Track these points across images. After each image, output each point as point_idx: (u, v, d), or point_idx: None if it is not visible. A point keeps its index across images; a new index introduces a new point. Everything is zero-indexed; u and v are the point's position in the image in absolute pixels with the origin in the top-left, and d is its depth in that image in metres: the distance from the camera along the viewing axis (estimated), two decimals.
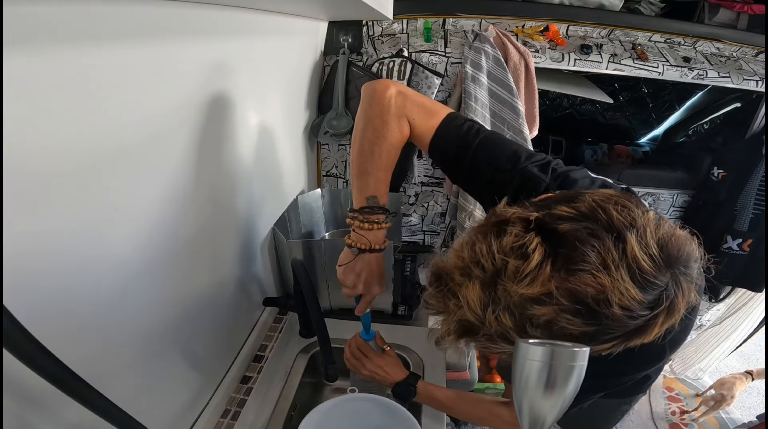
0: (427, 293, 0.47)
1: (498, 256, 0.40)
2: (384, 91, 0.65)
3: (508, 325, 0.39)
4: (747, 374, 1.62)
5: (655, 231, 0.39)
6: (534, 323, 0.38)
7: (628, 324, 0.38)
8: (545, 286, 0.37)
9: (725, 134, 1.64)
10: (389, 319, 1.16)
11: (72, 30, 0.42)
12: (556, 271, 0.37)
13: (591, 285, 0.36)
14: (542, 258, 0.38)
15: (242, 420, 0.86)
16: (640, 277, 0.37)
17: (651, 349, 0.57)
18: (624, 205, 0.41)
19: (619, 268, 0.37)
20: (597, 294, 0.36)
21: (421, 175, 1.44)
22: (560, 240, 0.39)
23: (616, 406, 0.99)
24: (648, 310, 0.38)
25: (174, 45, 0.60)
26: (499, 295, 0.39)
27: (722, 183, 1.42)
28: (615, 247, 0.37)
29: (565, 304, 0.37)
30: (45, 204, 0.43)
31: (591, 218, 0.40)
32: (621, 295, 0.36)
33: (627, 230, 0.38)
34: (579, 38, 1.29)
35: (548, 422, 0.48)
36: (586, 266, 0.37)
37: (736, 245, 1.42)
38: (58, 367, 0.38)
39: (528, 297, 0.38)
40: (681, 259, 0.39)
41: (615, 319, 0.37)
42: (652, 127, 1.95)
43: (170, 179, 0.65)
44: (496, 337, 0.40)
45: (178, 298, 0.71)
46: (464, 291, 0.41)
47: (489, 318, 0.39)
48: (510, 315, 0.39)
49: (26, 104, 0.38)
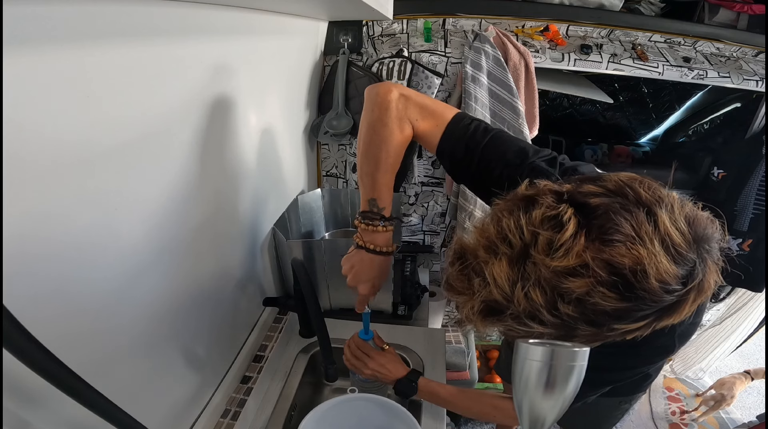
0: (448, 274, 0.45)
1: (528, 230, 0.38)
2: (386, 95, 0.65)
3: (539, 303, 0.37)
4: (746, 374, 1.62)
5: (681, 209, 0.39)
6: (566, 299, 0.36)
7: (663, 299, 0.36)
8: (580, 258, 0.36)
9: (725, 134, 1.64)
10: (389, 319, 1.16)
11: (72, 30, 0.42)
12: (591, 242, 0.36)
13: (627, 256, 0.35)
14: (576, 229, 0.37)
15: (242, 420, 0.86)
16: (673, 251, 0.36)
17: (661, 342, 0.58)
18: (649, 185, 0.41)
19: (654, 240, 0.36)
20: (634, 265, 0.35)
21: (421, 175, 1.44)
22: (592, 212, 0.38)
23: (617, 405, 0.99)
24: (681, 285, 0.37)
25: (174, 45, 0.60)
26: (528, 270, 0.37)
27: (722, 183, 1.42)
28: (648, 220, 0.37)
29: (602, 275, 0.35)
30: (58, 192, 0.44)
31: (620, 194, 0.39)
32: (657, 268, 0.35)
33: (656, 206, 0.38)
34: (579, 38, 1.29)
35: (548, 422, 0.48)
36: (621, 237, 0.36)
37: (736, 245, 1.42)
38: (59, 367, 0.38)
39: (562, 269, 0.36)
40: (706, 237, 0.39)
41: (651, 292, 0.36)
42: (652, 127, 1.95)
43: (170, 179, 0.65)
44: (523, 317, 0.38)
45: (178, 298, 0.71)
46: (490, 268, 0.39)
47: (518, 295, 0.38)
48: (541, 291, 0.37)
49: (36, 101, 0.39)
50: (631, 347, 0.59)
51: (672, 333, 0.57)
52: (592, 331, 0.38)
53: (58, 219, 0.45)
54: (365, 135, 0.67)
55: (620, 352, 0.60)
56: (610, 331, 0.38)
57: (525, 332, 0.40)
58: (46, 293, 0.45)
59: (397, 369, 0.84)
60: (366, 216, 0.70)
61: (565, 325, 0.38)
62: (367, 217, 0.70)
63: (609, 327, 0.38)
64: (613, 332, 0.38)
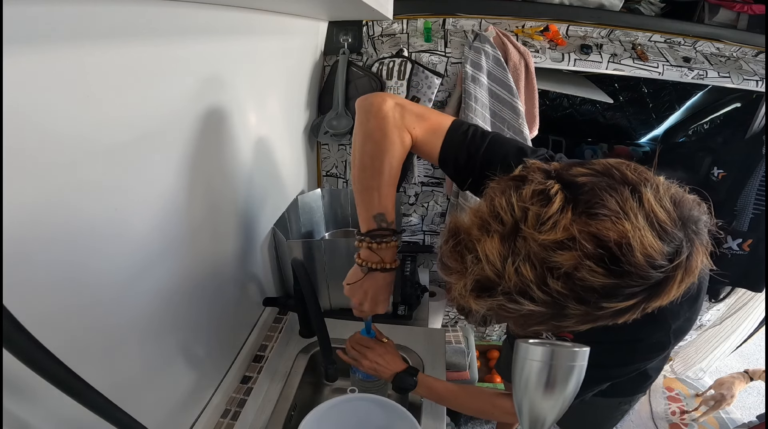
0: (442, 252, 0.45)
1: (518, 206, 0.39)
2: (381, 104, 0.63)
3: (529, 278, 0.38)
4: (745, 374, 1.62)
5: (666, 189, 0.40)
6: (555, 274, 0.37)
7: (649, 275, 0.37)
8: (567, 231, 0.37)
9: (725, 134, 1.64)
10: (389, 319, 1.16)
11: (72, 30, 0.42)
12: (578, 216, 0.37)
13: (613, 230, 0.36)
14: (563, 203, 0.38)
15: (242, 420, 0.86)
16: (658, 227, 0.37)
17: (656, 337, 0.58)
18: (636, 167, 0.42)
19: (638, 216, 0.37)
20: (619, 238, 0.36)
21: (421, 175, 1.44)
22: (579, 189, 0.39)
23: (617, 406, 0.99)
24: (667, 261, 0.37)
25: (174, 45, 0.60)
26: (518, 246, 0.38)
27: (722, 183, 1.42)
28: (632, 197, 0.38)
29: (588, 248, 0.36)
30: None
31: (606, 175, 0.41)
32: (642, 242, 0.36)
33: (641, 185, 0.39)
34: (579, 38, 1.29)
35: (548, 422, 0.48)
36: (606, 212, 0.37)
37: (736, 245, 1.42)
38: (59, 367, 0.38)
39: (550, 243, 0.37)
40: (692, 218, 0.40)
41: (637, 267, 0.36)
42: (652, 127, 1.95)
43: (170, 179, 0.65)
44: (514, 294, 0.39)
45: (178, 298, 0.71)
46: (482, 245, 0.40)
47: (508, 270, 0.38)
48: (531, 266, 0.38)
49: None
50: (627, 342, 0.60)
51: (667, 329, 0.58)
52: (581, 310, 0.39)
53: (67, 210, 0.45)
54: (362, 146, 0.65)
55: (617, 348, 0.60)
56: (600, 310, 0.39)
57: (516, 311, 0.40)
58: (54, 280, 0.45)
59: (396, 363, 0.84)
60: (375, 235, 0.66)
61: (555, 302, 0.38)
62: (376, 236, 0.66)
63: (598, 305, 0.38)
64: (602, 311, 0.39)
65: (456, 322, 1.93)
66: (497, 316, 0.44)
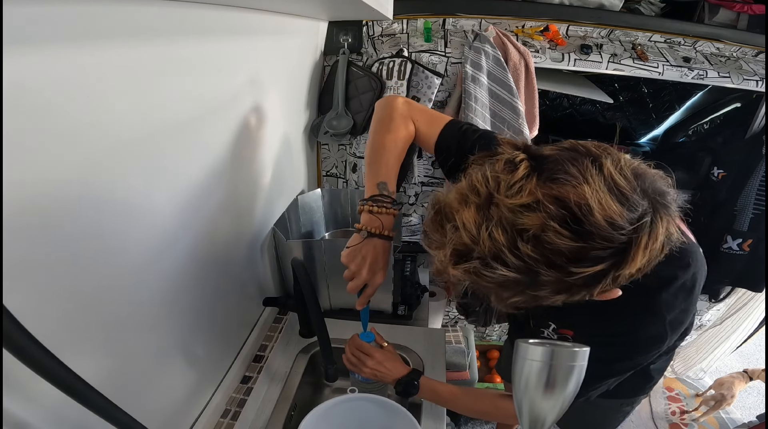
0: (425, 224, 0.49)
1: (491, 177, 0.43)
2: (393, 101, 0.78)
3: (501, 242, 0.40)
4: (744, 373, 1.62)
5: (629, 163, 0.43)
6: (524, 237, 0.40)
7: (612, 237, 0.39)
8: (533, 195, 0.40)
9: (725, 134, 1.63)
10: (389, 319, 1.16)
11: (72, 30, 0.42)
12: (542, 181, 0.41)
13: (572, 192, 0.39)
14: (528, 171, 0.42)
15: (242, 420, 0.86)
16: (617, 191, 0.40)
17: (652, 330, 0.59)
18: (600, 144, 0.45)
19: (598, 181, 0.40)
20: (578, 199, 0.39)
21: (421, 175, 1.44)
22: (544, 160, 0.44)
23: (618, 407, 0.99)
24: (630, 225, 0.39)
25: (174, 45, 0.60)
26: (492, 212, 0.41)
27: (722, 183, 1.42)
28: (593, 165, 0.41)
29: (551, 209, 0.39)
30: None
31: (571, 150, 0.45)
32: (600, 202, 0.39)
33: (602, 157, 0.42)
34: (579, 38, 1.29)
35: (548, 422, 0.48)
36: (567, 178, 0.41)
37: (736, 245, 1.42)
38: (59, 367, 0.38)
39: (517, 206, 0.40)
40: (657, 189, 0.43)
41: (598, 228, 0.38)
42: (652, 127, 1.95)
43: (169, 179, 0.65)
44: (489, 259, 0.41)
45: (178, 298, 0.71)
46: (460, 215, 0.43)
47: (483, 236, 0.41)
48: (502, 230, 0.40)
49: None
50: (623, 335, 0.61)
51: (662, 321, 0.58)
52: (553, 276, 0.40)
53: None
54: (374, 131, 0.77)
55: (614, 342, 0.61)
56: (570, 276, 0.40)
57: (492, 279, 0.42)
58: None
59: (398, 368, 0.84)
60: (375, 199, 0.72)
61: (528, 268, 0.40)
62: (378, 200, 0.71)
63: (567, 270, 0.40)
64: (573, 277, 0.40)
65: (456, 322, 1.93)
66: (477, 288, 0.46)
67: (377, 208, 0.71)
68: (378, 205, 0.71)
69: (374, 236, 0.71)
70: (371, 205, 0.71)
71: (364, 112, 1.25)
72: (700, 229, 1.52)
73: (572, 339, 0.67)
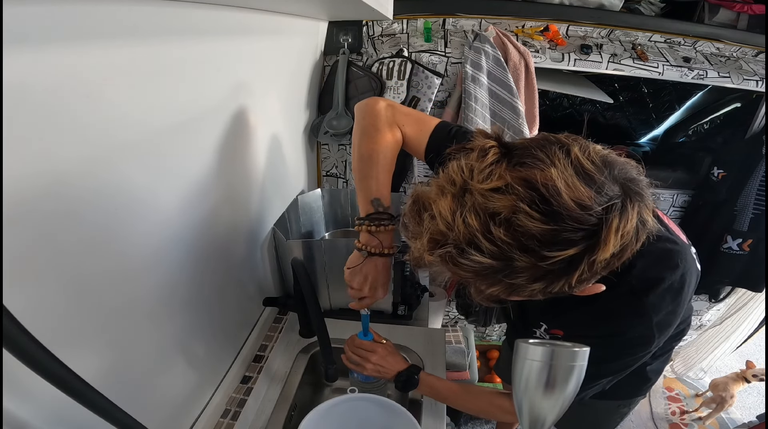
0: (404, 215, 0.50)
1: (466, 166, 0.44)
2: (374, 105, 0.72)
3: (474, 227, 0.41)
4: (739, 373, 1.63)
5: (598, 151, 0.44)
6: (497, 221, 0.40)
7: (581, 218, 0.39)
8: (502, 178, 0.41)
9: (725, 134, 1.63)
10: (389, 319, 1.16)
11: (72, 30, 0.42)
12: (511, 166, 0.43)
13: (539, 174, 0.40)
14: (498, 157, 0.44)
15: (242, 420, 0.86)
16: (584, 174, 0.41)
17: (639, 331, 0.59)
18: (570, 135, 0.46)
19: (564, 163, 0.41)
20: (545, 181, 0.40)
21: (420, 175, 1.44)
22: (515, 147, 0.45)
23: (616, 409, 0.99)
24: (599, 206, 0.40)
25: (173, 45, 0.60)
26: (466, 199, 0.42)
27: (722, 183, 1.42)
28: (560, 150, 0.42)
29: (520, 191, 0.40)
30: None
31: (541, 139, 0.46)
32: (566, 183, 0.40)
33: (571, 145, 0.43)
34: (579, 38, 1.29)
35: (548, 422, 0.48)
36: (535, 162, 0.42)
37: (736, 245, 1.42)
38: (59, 367, 0.38)
39: (488, 190, 0.41)
40: (628, 176, 0.43)
41: (567, 209, 0.39)
42: (652, 127, 1.95)
43: (168, 179, 0.65)
44: (464, 245, 0.42)
45: (178, 298, 0.71)
46: (437, 204, 0.44)
47: (457, 222, 0.42)
48: (475, 215, 0.41)
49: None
50: (610, 336, 0.61)
51: (648, 322, 0.58)
52: (528, 261, 0.41)
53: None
54: (359, 141, 0.72)
55: (601, 343, 0.60)
56: (545, 261, 0.40)
57: (468, 267, 0.43)
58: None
59: (398, 362, 0.84)
60: (372, 218, 0.70)
61: (502, 253, 0.41)
62: (373, 219, 0.70)
63: (541, 254, 0.40)
64: (547, 262, 0.40)
65: (456, 322, 1.93)
66: (456, 276, 0.47)
67: (374, 228, 0.70)
68: (375, 225, 0.70)
69: (374, 255, 0.71)
70: (368, 224, 0.70)
71: None
72: (700, 229, 1.53)
73: (562, 339, 0.67)
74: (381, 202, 0.70)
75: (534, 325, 0.71)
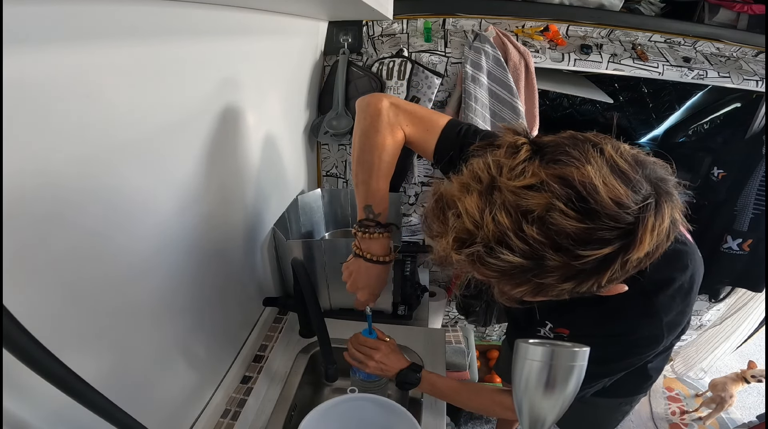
0: (425, 213, 0.48)
1: (493, 162, 0.43)
2: (377, 104, 0.68)
3: (505, 225, 0.39)
4: (738, 373, 1.63)
5: (628, 150, 0.44)
6: (529, 219, 0.39)
7: (618, 216, 0.38)
8: (536, 175, 0.40)
9: (725, 134, 1.63)
10: (389, 319, 1.16)
11: (73, 30, 0.42)
12: (545, 163, 0.41)
13: (576, 172, 0.39)
14: (530, 154, 0.43)
15: (242, 420, 0.86)
16: (619, 172, 0.40)
17: (649, 330, 0.59)
18: (599, 134, 0.45)
19: (600, 162, 0.40)
20: (583, 179, 0.38)
21: (421, 175, 1.44)
22: (545, 145, 0.44)
23: (617, 407, 0.99)
24: (635, 205, 0.39)
25: (173, 45, 0.60)
26: (495, 197, 0.41)
27: (722, 183, 1.42)
28: (594, 149, 0.41)
29: (556, 188, 0.39)
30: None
31: (570, 137, 0.45)
32: (604, 181, 0.38)
33: (602, 143, 0.42)
34: (579, 38, 1.29)
35: (548, 422, 0.48)
36: (570, 159, 0.40)
37: (736, 245, 1.42)
38: (59, 367, 0.38)
39: (521, 188, 0.40)
40: (659, 175, 0.42)
41: (604, 207, 0.38)
42: (652, 127, 1.94)
43: (168, 179, 0.65)
44: (493, 243, 0.40)
45: (178, 298, 0.71)
46: (462, 202, 0.42)
47: (486, 220, 0.40)
48: (506, 213, 0.40)
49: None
50: (620, 336, 0.61)
51: (659, 322, 0.58)
52: (560, 261, 0.39)
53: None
54: (358, 142, 0.70)
55: (610, 342, 0.61)
56: (578, 260, 0.39)
57: (497, 267, 0.41)
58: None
59: (400, 360, 0.85)
60: (362, 223, 0.71)
61: (533, 252, 0.39)
62: (363, 225, 0.71)
63: (574, 253, 0.39)
64: (580, 261, 0.39)
65: (456, 322, 1.93)
66: (481, 279, 0.46)
67: (361, 234, 0.71)
68: (363, 231, 0.70)
69: (360, 257, 0.73)
70: (356, 229, 0.72)
71: None
72: (700, 229, 1.52)
73: (567, 338, 0.67)
74: (372, 208, 0.70)
75: (539, 324, 0.71)
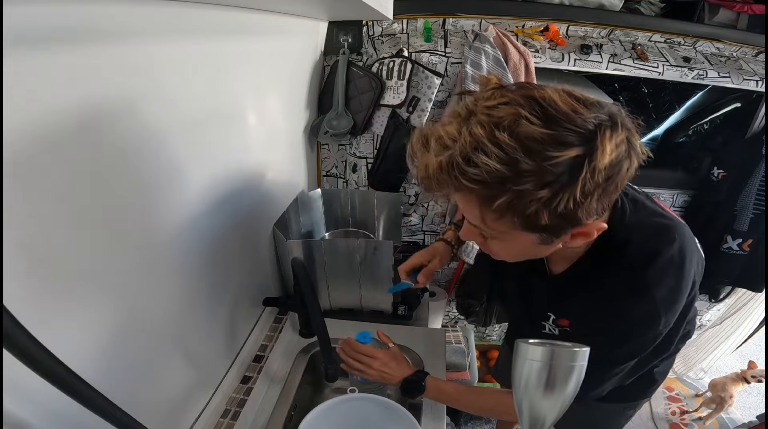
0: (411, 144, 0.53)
1: (470, 100, 0.50)
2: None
3: (480, 134, 0.45)
4: (738, 373, 1.63)
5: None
6: (501, 128, 0.44)
7: (577, 122, 0.44)
8: (505, 96, 0.47)
9: (725, 134, 1.63)
10: (389, 319, 1.16)
11: (72, 30, 0.42)
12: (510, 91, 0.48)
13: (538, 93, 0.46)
14: (500, 85, 0.51)
15: (242, 420, 0.86)
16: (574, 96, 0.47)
17: (642, 307, 0.59)
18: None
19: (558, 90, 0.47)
20: (543, 95, 0.46)
21: None
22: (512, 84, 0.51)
23: (621, 411, 0.99)
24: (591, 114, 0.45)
25: (173, 45, 0.60)
26: (471, 120, 0.47)
27: (722, 183, 1.42)
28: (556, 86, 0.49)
29: (521, 102, 0.45)
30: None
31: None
32: (561, 98, 0.45)
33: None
34: (579, 38, 1.29)
35: (548, 422, 0.48)
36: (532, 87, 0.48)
37: (736, 245, 1.42)
38: (59, 367, 0.38)
39: (493, 105, 0.46)
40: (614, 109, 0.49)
41: (564, 114, 0.44)
42: (652, 127, 1.94)
43: (168, 179, 0.65)
44: (470, 151, 0.45)
45: (178, 298, 0.71)
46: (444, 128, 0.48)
47: (463, 134, 0.46)
48: (480, 126, 0.45)
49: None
50: (615, 318, 0.60)
51: (652, 298, 0.57)
52: (533, 164, 0.43)
53: None
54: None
55: (608, 328, 0.61)
56: (549, 161, 0.43)
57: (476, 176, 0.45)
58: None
59: (402, 368, 0.84)
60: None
61: (507, 155, 0.44)
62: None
63: (545, 155, 0.43)
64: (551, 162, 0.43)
65: (456, 322, 1.93)
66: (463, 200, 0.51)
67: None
68: None
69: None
70: None
71: (363, 112, 1.25)
72: (700, 229, 1.52)
73: (569, 328, 0.67)
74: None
75: (542, 318, 0.71)
